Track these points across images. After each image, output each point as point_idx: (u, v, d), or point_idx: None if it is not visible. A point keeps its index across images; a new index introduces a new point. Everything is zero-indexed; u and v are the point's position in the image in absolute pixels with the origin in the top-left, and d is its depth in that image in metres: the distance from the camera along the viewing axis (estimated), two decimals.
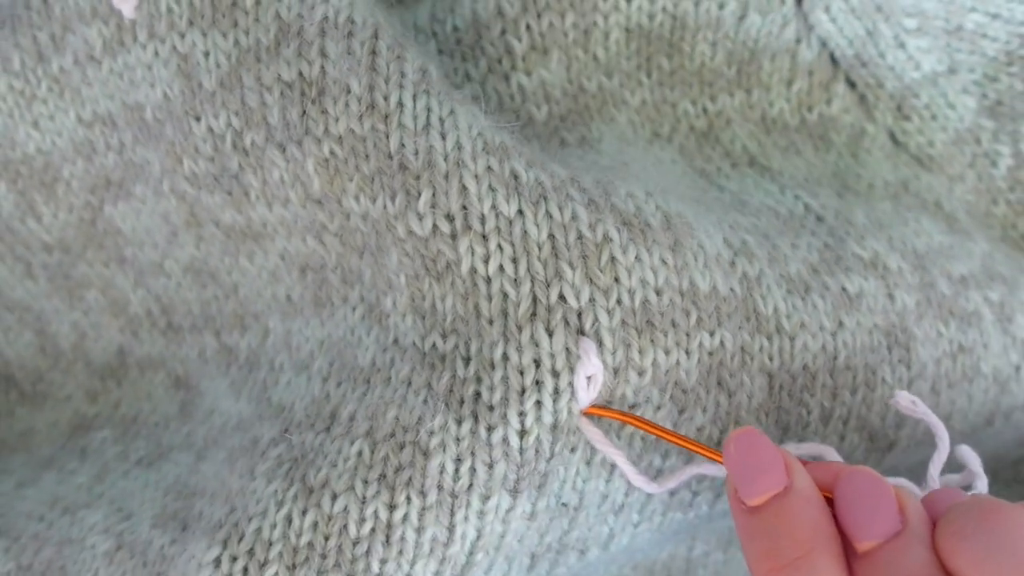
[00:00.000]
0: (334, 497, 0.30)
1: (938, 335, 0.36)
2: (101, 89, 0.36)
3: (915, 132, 0.42)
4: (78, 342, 0.44)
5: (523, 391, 0.29)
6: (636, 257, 0.30)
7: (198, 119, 0.33)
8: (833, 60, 0.41)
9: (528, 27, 0.38)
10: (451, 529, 0.29)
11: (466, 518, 0.29)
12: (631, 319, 0.30)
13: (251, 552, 0.30)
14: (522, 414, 0.29)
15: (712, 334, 0.31)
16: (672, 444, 0.32)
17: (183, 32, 0.33)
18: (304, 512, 0.30)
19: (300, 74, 0.32)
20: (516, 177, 0.31)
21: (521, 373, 0.29)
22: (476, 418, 0.29)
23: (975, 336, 0.37)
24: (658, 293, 0.30)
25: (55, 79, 0.37)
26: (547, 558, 0.33)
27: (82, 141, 0.38)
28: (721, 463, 0.30)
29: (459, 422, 0.29)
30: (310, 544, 0.30)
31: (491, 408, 0.29)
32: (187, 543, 0.33)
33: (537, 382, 0.29)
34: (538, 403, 0.29)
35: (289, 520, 0.30)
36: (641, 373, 0.30)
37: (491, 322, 0.30)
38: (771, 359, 0.33)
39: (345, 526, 0.30)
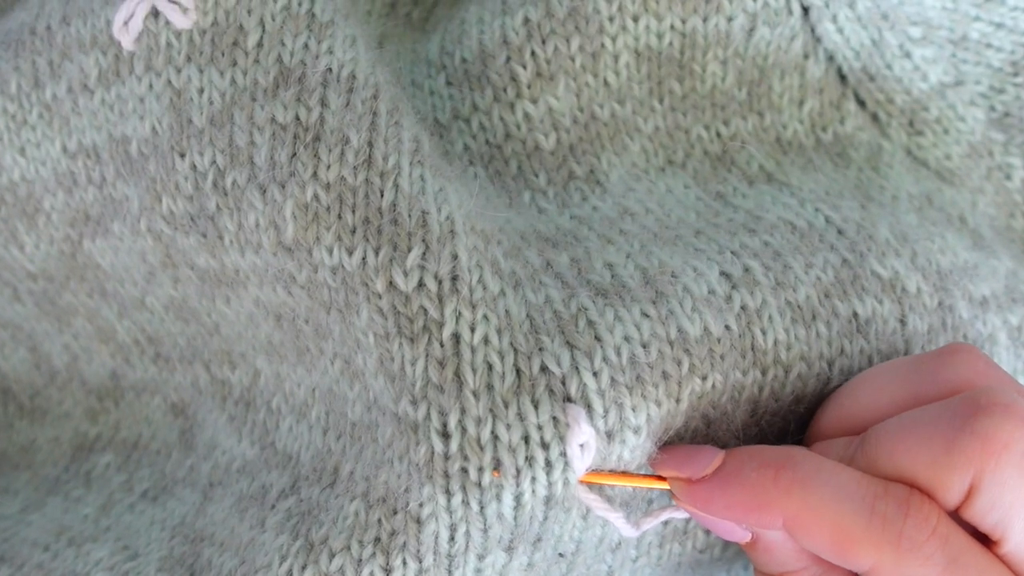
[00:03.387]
0: (331, 555, 0.30)
1: None
2: (90, 120, 0.36)
3: (930, 147, 0.41)
4: (71, 362, 0.43)
5: (518, 472, 0.28)
6: (615, 317, 0.30)
7: (183, 155, 0.32)
8: (841, 76, 0.40)
9: (533, 53, 0.37)
10: None
11: (464, 575, 0.29)
12: (620, 377, 0.29)
13: None
14: (518, 492, 0.28)
15: (704, 379, 0.31)
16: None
17: (180, 67, 0.33)
18: (304, 568, 0.30)
19: (297, 118, 0.31)
20: (496, 263, 0.30)
21: (512, 451, 0.28)
22: (466, 492, 0.28)
23: None
24: (644, 346, 0.30)
25: (47, 106, 0.37)
26: None
27: (64, 172, 0.37)
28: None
29: (448, 495, 0.28)
30: None
31: (480, 487, 0.28)
32: None
33: (528, 458, 0.28)
34: (532, 479, 0.28)
35: (290, 575, 0.30)
36: (636, 431, 0.29)
37: (476, 395, 0.29)
38: (761, 390, 0.32)
39: None
